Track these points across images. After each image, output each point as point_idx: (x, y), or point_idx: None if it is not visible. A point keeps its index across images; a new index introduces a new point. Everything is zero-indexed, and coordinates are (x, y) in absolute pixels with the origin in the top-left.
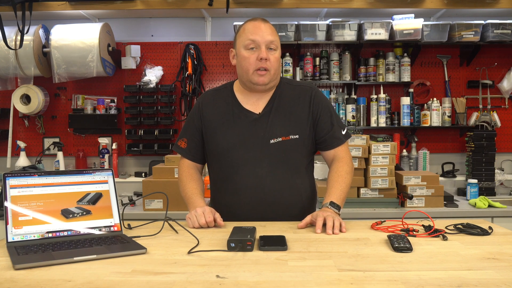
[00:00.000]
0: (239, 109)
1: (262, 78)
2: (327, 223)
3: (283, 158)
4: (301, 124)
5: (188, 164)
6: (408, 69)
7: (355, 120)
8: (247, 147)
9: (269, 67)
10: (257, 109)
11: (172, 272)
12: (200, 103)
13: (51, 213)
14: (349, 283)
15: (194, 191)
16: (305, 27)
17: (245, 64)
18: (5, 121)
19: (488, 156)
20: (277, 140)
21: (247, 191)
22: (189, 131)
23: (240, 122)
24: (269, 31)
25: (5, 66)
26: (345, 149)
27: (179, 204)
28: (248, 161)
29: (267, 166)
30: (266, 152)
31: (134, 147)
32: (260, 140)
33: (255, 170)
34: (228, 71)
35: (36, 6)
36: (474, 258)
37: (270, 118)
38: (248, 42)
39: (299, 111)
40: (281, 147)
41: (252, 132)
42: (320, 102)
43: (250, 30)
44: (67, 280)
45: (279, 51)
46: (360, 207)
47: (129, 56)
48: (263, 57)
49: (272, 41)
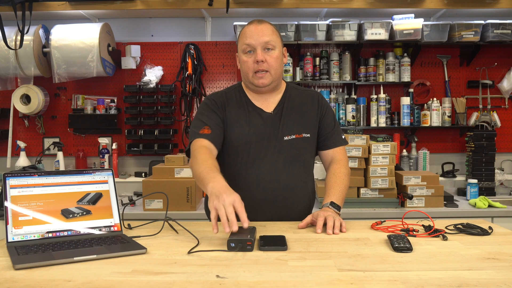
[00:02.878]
0: (252, 106)
1: (261, 80)
2: (328, 223)
3: (296, 154)
4: (311, 124)
5: (207, 144)
6: (408, 69)
7: (355, 120)
8: (263, 142)
9: (267, 68)
10: (267, 108)
11: (172, 272)
12: (214, 100)
13: (51, 213)
14: (349, 283)
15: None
16: (305, 27)
17: (245, 68)
18: (5, 121)
19: (488, 156)
20: (290, 137)
21: (262, 185)
22: (210, 119)
23: (255, 118)
24: (264, 32)
25: (5, 66)
26: (343, 152)
27: (179, 204)
28: (265, 156)
29: (283, 161)
30: (281, 148)
31: (134, 147)
32: (275, 136)
33: (271, 165)
34: (228, 71)
35: (36, 6)
36: (474, 258)
37: (282, 117)
38: (244, 46)
39: (308, 112)
40: (294, 144)
41: (267, 128)
42: (325, 105)
43: (246, 34)
44: (67, 280)
45: (278, 50)
46: (360, 207)
47: (129, 56)
48: (258, 59)
49: (268, 41)
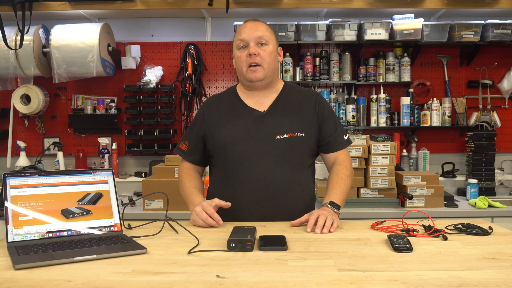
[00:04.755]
0: (243, 107)
1: (255, 73)
2: (318, 222)
3: (289, 153)
4: (307, 124)
5: (188, 165)
6: (408, 69)
7: (355, 120)
8: (253, 141)
9: (260, 62)
10: (261, 107)
11: (172, 272)
12: (203, 108)
13: (51, 213)
14: (349, 283)
15: (192, 189)
16: (305, 27)
17: (239, 63)
18: (5, 121)
19: (488, 156)
20: (283, 136)
21: (253, 183)
22: (191, 134)
23: (245, 118)
24: (258, 28)
25: (5, 66)
26: (346, 154)
27: (179, 204)
28: (255, 154)
29: (274, 160)
30: (272, 146)
31: (134, 147)
32: (266, 135)
33: (262, 163)
34: (228, 71)
35: (36, 6)
36: (474, 258)
37: (276, 116)
38: (238, 42)
39: (305, 112)
40: (287, 143)
41: (258, 127)
42: (325, 107)
43: (240, 31)
44: (67, 280)
45: (272, 46)
46: (360, 207)
47: (129, 56)
48: (251, 52)
49: (261, 36)
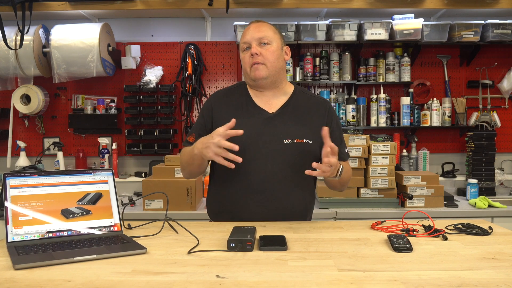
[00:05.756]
0: (252, 106)
1: (257, 72)
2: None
3: (295, 159)
4: (315, 131)
5: None
6: (408, 69)
7: (355, 120)
8: (261, 143)
9: (263, 61)
10: (270, 108)
11: (172, 272)
12: (211, 102)
13: (51, 213)
14: (349, 283)
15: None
16: (305, 27)
17: (243, 64)
18: (5, 121)
19: (488, 156)
20: (291, 141)
21: (256, 185)
22: (198, 127)
23: (254, 118)
24: (260, 29)
25: (5, 66)
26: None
27: (179, 204)
28: (260, 156)
29: (279, 163)
30: (279, 150)
31: (134, 147)
32: (274, 138)
33: (266, 166)
34: (228, 71)
35: (36, 6)
36: (474, 258)
37: (285, 119)
38: (242, 45)
39: (314, 119)
40: (294, 149)
41: (266, 130)
42: (333, 118)
43: (243, 34)
44: (67, 280)
45: (275, 45)
46: (360, 207)
47: (129, 56)
48: (252, 52)
49: (262, 37)
